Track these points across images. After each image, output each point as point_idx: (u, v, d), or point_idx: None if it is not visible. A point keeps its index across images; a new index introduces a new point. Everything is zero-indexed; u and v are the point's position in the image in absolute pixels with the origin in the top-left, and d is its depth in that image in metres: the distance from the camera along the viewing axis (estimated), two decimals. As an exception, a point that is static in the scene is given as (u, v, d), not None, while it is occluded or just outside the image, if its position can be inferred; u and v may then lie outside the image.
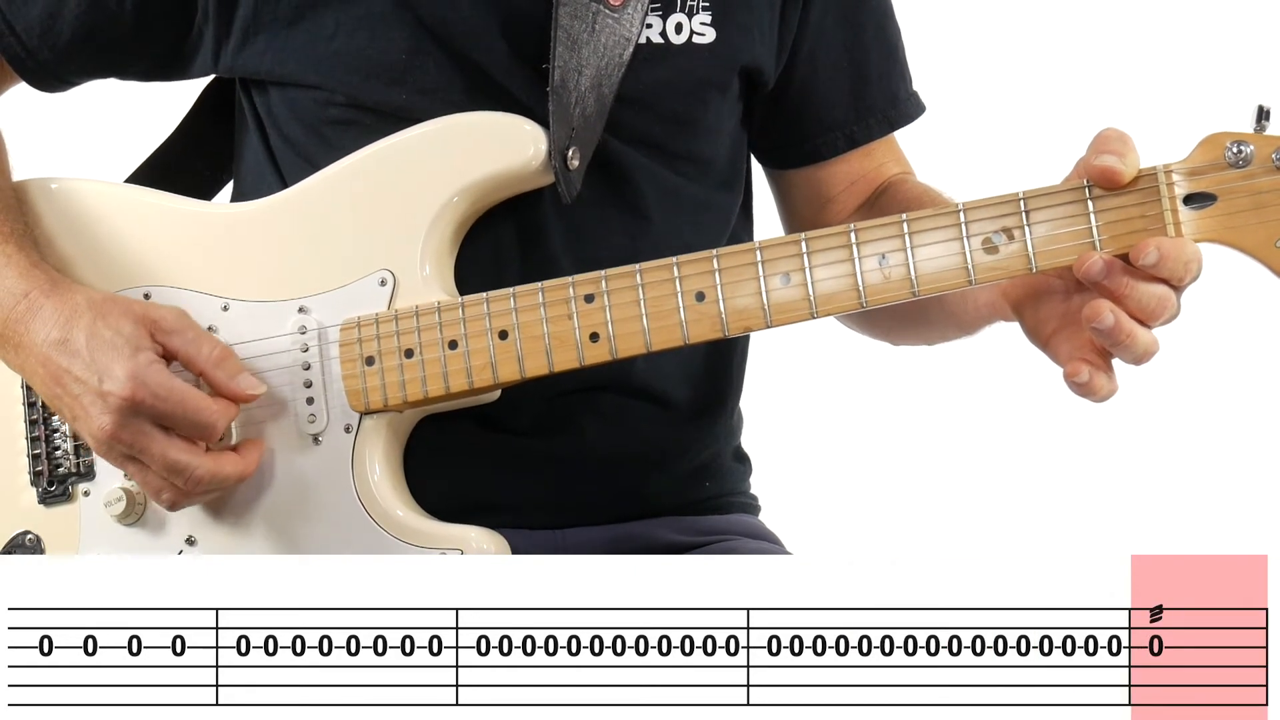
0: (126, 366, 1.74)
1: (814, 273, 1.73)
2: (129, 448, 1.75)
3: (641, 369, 1.90)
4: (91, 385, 1.75)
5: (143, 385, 1.73)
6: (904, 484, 3.58)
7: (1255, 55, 3.35)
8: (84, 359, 1.75)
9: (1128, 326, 1.66)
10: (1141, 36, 3.53)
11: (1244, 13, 3.46)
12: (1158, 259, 1.64)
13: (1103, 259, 1.66)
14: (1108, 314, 1.66)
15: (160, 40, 1.94)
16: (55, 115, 2.23)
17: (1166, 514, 3.48)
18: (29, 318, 1.79)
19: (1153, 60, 3.48)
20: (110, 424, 1.74)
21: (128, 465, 1.78)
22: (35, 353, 1.78)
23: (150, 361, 1.75)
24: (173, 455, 1.75)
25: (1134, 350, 1.67)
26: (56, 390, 1.78)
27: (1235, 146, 1.65)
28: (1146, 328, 1.67)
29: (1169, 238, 1.65)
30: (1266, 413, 3.55)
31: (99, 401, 1.74)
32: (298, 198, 1.87)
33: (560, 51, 1.82)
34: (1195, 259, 1.65)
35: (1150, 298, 1.66)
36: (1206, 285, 1.73)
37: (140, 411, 1.74)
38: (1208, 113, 1.77)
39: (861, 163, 2.08)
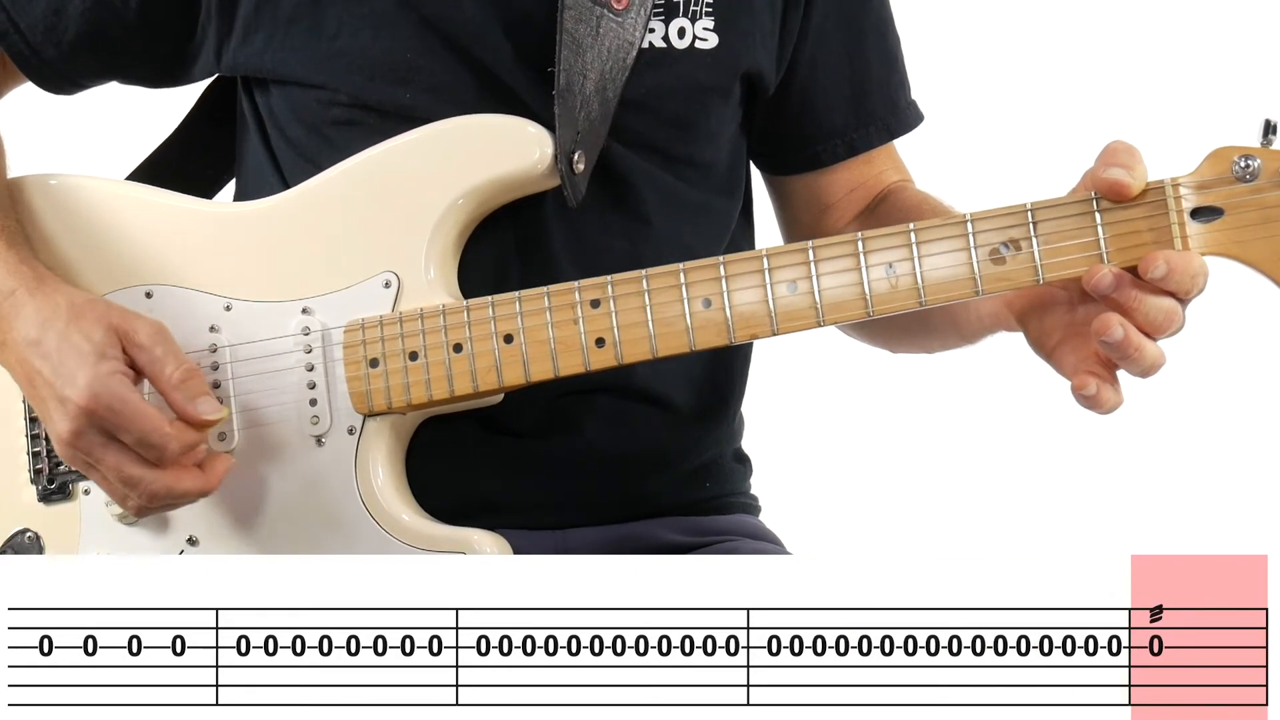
0: (87, 375, 1.71)
1: (821, 281, 1.73)
2: (86, 455, 1.73)
3: (643, 372, 1.90)
4: (56, 389, 1.73)
5: (97, 397, 1.71)
6: (904, 484, 3.58)
7: (1263, 69, 3.35)
8: (53, 362, 1.73)
9: (1136, 340, 1.66)
10: (1148, 49, 3.53)
11: (1252, 27, 3.46)
12: (1166, 272, 1.64)
13: (1112, 272, 1.66)
14: (1117, 327, 1.66)
15: (164, 40, 1.94)
16: (56, 116, 2.23)
17: (1166, 514, 3.48)
18: (12, 315, 1.78)
19: (1160, 73, 3.48)
20: (67, 431, 1.72)
21: (89, 472, 1.76)
22: (15, 351, 1.77)
23: (112, 372, 1.72)
24: (126, 469, 1.72)
25: (1142, 364, 1.68)
26: (30, 390, 1.77)
27: (1242, 161, 1.65)
28: (1154, 341, 1.67)
29: (1177, 251, 1.65)
30: (1266, 413, 3.55)
31: (60, 406, 1.72)
32: (303, 197, 1.86)
33: (565, 55, 1.82)
34: (1202, 273, 1.65)
35: (1158, 311, 1.66)
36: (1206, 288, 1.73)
37: (95, 422, 1.71)
38: (1215, 126, 1.77)
39: (862, 170, 2.07)
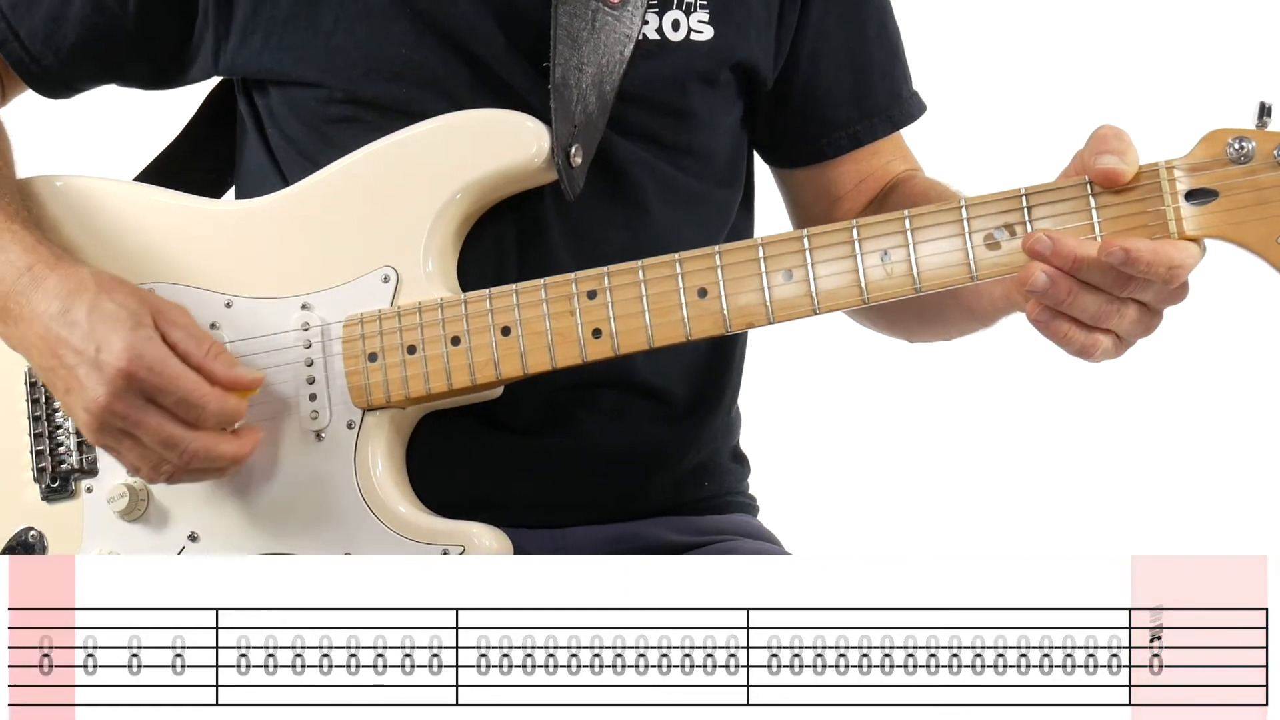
0: (126, 339, 1.73)
1: (816, 269, 1.73)
2: (122, 420, 1.74)
3: (642, 365, 1.91)
4: (88, 355, 1.73)
5: (139, 358, 1.72)
6: (903, 484, 3.57)
7: (1257, 51, 3.35)
8: (83, 329, 1.74)
9: (1066, 285, 1.66)
10: (1143, 32, 3.53)
11: (1246, 9, 3.46)
12: (1124, 259, 1.63)
13: (1045, 272, 1.65)
14: (1039, 274, 1.65)
15: (163, 44, 1.95)
16: (60, 119, 2.23)
17: (1166, 514, 3.48)
18: (31, 289, 1.78)
19: (1155, 56, 3.48)
20: (105, 395, 1.73)
21: (121, 441, 1.76)
22: (34, 324, 1.77)
23: (149, 337, 1.74)
24: (167, 429, 1.74)
25: (1081, 311, 1.67)
26: (52, 362, 1.76)
27: (1237, 142, 1.65)
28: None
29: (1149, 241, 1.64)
30: (1266, 413, 3.55)
31: (94, 372, 1.73)
32: (301, 194, 1.87)
33: (561, 50, 1.82)
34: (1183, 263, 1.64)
35: (1088, 305, 1.66)
36: (1207, 284, 1.73)
37: (134, 385, 1.72)
38: (1209, 108, 1.77)
39: (869, 161, 2.08)
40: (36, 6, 1.94)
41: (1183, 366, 3.41)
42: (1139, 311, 1.68)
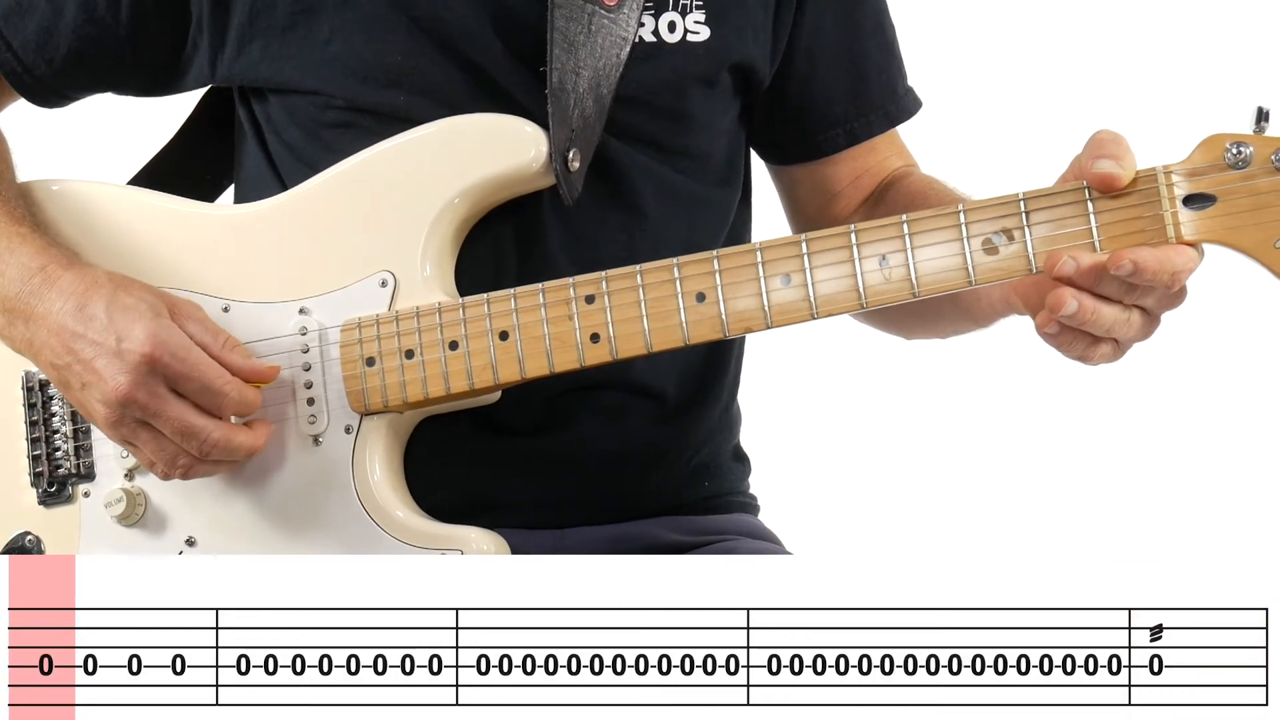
0: (147, 327, 1.74)
1: (814, 274, 1.73)
2: (143, 410, 1.75)
3: (640, 366, 1.90)
4: (108, 346, 1.74)
5: (163, 344, 1.73)
6: (904, 485, 3.58)
7: (1255, 57, 3.35)
8: (101, 322, 1.75)
9: (1091, 305, 1.67)
10: (1141, 36, 3.53)
11: (1244, 13, 3.46)
12: (1132, 270, 1.64)
13: (1074, 259, 1.66)
14: (1070, 300, 1.66)
15: (156, 53, 1.94)
16: (56, 123, 2.23)
17: (1167, 514, 3.48)
18: (44, 289, 1.79)
19: (1153, 60, 3.48)
20: (126, 383, 1.73)
21: (138, 433, 1.77)
22: (48, 321, 1.78)
23: (170, 326, 1.75)
24: (188, 417, 1.75)
25: (1097, 328, 1.68)
26: (66, 359, 1.77)
27: (1235, 148, 1.66)
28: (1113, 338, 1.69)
29: (1153, 246, 1.65)
30: (1266, 415, 3.55)
31: (115, 361, 1.74)
32: (299, 199, 1.87)
33: (557, 54, 1.82)
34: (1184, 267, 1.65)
35: (1105, 318, 1.67)
36: (1207, 287, 1.73)
37: (157, 371, 1.74)
38: (1207, 113, 1.77)
39: (865, 158, 2.09)
40: (29, 16, 1.94)
41: (1182, 369, 3.41)
42: (1141, 318, 1.69)
